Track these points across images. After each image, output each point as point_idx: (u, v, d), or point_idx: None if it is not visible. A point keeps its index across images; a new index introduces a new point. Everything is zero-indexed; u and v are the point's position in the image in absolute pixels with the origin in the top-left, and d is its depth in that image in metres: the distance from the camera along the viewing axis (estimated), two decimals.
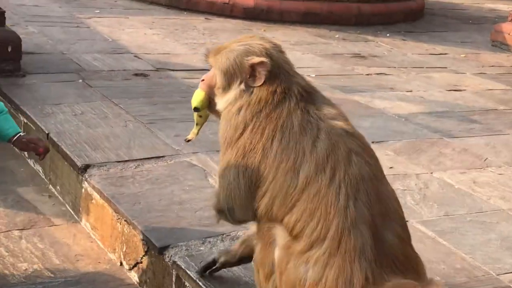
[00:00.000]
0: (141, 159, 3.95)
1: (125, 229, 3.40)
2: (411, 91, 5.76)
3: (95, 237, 3.67)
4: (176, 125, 4.50)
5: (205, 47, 6.50)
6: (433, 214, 3.61)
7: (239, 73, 2.45)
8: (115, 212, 3.47)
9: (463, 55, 7.29)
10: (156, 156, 4.01)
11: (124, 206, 3.43)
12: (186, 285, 2.97)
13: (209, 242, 3.17)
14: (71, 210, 3.93)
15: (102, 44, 6.30)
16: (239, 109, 2.44)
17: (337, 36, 7.58)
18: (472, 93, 5.91)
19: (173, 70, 5.74)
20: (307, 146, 2.35)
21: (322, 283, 2.23)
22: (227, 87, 2.49)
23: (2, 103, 3.14)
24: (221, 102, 2.53)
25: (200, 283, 2.87)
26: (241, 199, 2.46)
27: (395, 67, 6.51)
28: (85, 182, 3.75)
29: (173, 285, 3.06)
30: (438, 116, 5.19)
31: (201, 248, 3.12)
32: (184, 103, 4.93)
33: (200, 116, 2.73)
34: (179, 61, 6.00)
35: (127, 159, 3.93)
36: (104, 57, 5.87)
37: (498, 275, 3.09)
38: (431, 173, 4.12)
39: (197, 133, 2.81)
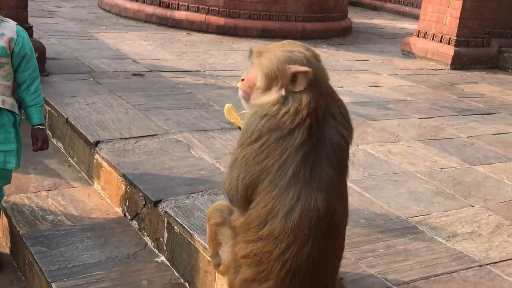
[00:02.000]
0: (139, 137, 3.91)
1: (127, 189, 3.38)
2: (342, 87, 5.77)
3: (105, 196, 3.64)
4: (166, 111, 4.46)
5: (186, 54, 6.52)
6: (359, 175, 3.63)
7: (281, 78, 2.05)
8: (120, 176, 3.44)
9: (381, 61, 7.33)
10: (150, 135, 3.96)
11: (127, 171, 3.40)
12: (175, 228, 2.96)
13: (192, 196, 3.15)
14: (85, 176, 3.89)
15: (108, 52, 6.21)
16: (263, 117, 2.06)
17: None
18: (387, 88, 5.96)
19: (162, 71, 5.67)
20: (283, 203, 2.03)
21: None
22: (267, 89, 2.09)
23: (42, 98, 3.11)
24: (258, 100, 2.12)
25: (185, 226, 2.87)
26: (237, 199, 2.14)
27: (330, 70, 6.42)
28: (96, 154, 3.71)
29: (165, 230, 3.04)
30: (362, 105, 5.22)
31: (186, 201, 3.10)
32: (172, 95, 4.93)
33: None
34: (167, 65, 5.93)
35: (128, 137, 3.89)
36: (109, 62, 5.79)
37: (407, 218, 3.13)
38: (358, 145, 4.14)
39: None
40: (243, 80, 2.23)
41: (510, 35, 7.74)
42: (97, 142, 3.76)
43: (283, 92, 2.06)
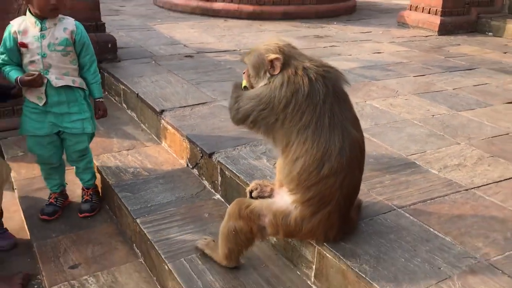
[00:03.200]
0: (193, 105, 3.96)
1: (187, 145, 3.45)
2: (351, 55, 5.71)
3: (171, 152, 3.73)
4: (212, 84, 4.50)
5: (225, 38, 6.49)
6: (367, 124, 3.63)
7: (263, 66, 2.18)
8: (182, 136, 3.51)
9: (381, 32, 7.18)
10: (202, 103, 4.01)
11: (186, 132, 3.47)
12: (226, 173, 3.03)
13: (237, 148, 3.20)
14: (155, 138, 3.97)
15: (164, 39, 6.23)
16: (282, 85, 2.11)
17: (304, 25, 7.46)
18: (387, 54, 5.85)
19: (207, 52, 5.67)
20: (332, 143, 2.06)
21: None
22: (257, 76, 2.22)
23: (99, 77, 3.14)
24: (257, 86, 2.23)
25: (234, 171, 2.94)
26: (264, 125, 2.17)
27: (340, 42, 6.43)
28: (162, 120, 3.78)
29: (219, 174, 3.12)
30: (368, 68, 5.15)
31: (233, 152, 3.16)
32: (216, 71, 4.93)
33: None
34: (210, 47, 5.93)
35: (185, 105, 3.95)
36: (166, 47, 5.82)
37: (407, 156, 3.14)
38: (365, 101, 4.13)
39: None
40: (244, 73, 2.36)
41: (487, 3, 7.46)
42: (162, 111, 3.83)
43: (268, 74, 2.17)
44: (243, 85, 2.43)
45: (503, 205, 2.59)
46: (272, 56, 2.15)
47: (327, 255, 2.24)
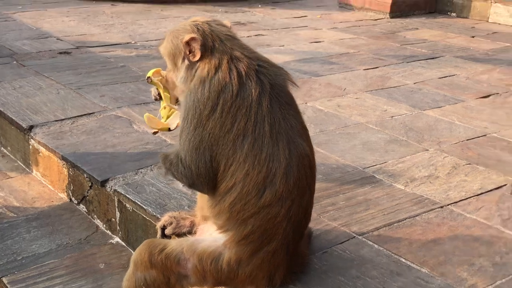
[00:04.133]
0: (75, 116, 3.86)
1: (70, 172, 3.35)
2: (283, 45, 5.83)
3: (46, 183, 3.60)
4: (100, 88, 4.41)
5: (114, 27, 6.42)
6: (311, 131, 3.59)
7: (179, 53, 2.17)
8: (60, 160, 3.40)
9: (319, 16, 7.41)
10: (87, 113, 3.92)
11: (67, 154, 3.36)
12: (127, 206, 2.96)
13: (141, 172, 3.15)
14: (22, 165, 3.83)
15: (29, 32, 6.05)
16: (199, 86, 2.09)
17: (220, 10, 7.55)
18: (328, 43, 6.04)
19: (90, 46, 5.58)
20: (277, 160, 2.06)
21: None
22: (175, 67, 2.21)
23: None
24: (177, 81, 2.23)
25: (138, 202, 2.88)
26: (208, 182, 2.13)
27: (268, 29, 6.56)
28: (31, 140, 3.65)
29: (116, 209, 3.05)
30: (306, 62, 5.29)
31: (135, 177, 3.10)
32: (104, 70, 4.87)
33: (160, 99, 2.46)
34: (94, 39, 5.83)
35: (63, 118, 3.83)
36: (32, 42, 5.65)
37: (363, 168, 3.23)
38: (306, 103, 4.22)
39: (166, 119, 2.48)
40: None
41: None
42: (31, 127, 3.69)
43: (186, 62, 2.16)
44: (153, 94, 2.43)
45: (487, 223, 2.72)
46: (186, 37, 2.12)
47: None
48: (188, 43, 2.13)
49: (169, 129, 2.46)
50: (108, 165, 3.24)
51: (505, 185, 3.09)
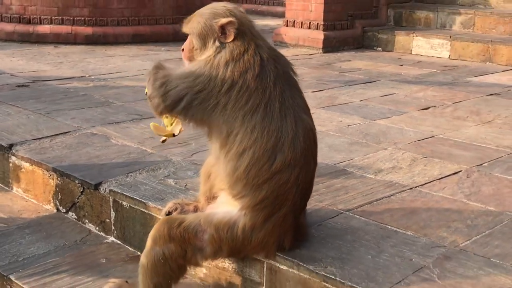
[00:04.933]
0: (52, 135, 3.97)
1: (58, 182, 3.46)
2: None
3: (29, 197, 3.67)
4: (68, 112, 4.55)
5: (63, 64, 6.55)
6: None
7: (211, 33, 2.35)
8: (47, 171, 3.51)
9: None
10: (63, 132, 4.04)
11: (54, 164, 3.49)
12: (123, 204, 3.10)
13: (131, 175, 3.31)
14: (0, 184, 3.89)
15: None
16: (227, 63, 2.31)
17: (163, 49, 7.80)
18: None
19: (46, 80, 5.69)
20: (285, 131, 2.30)
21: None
22: (203, 46, 2.38)
23: None
24: (201, 59, 2.38)
25: (136, 197, 3.04)
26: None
27: None
28: (12, 157, 3.73)
29: (111, 210, 3.18)
30: None
31: (127, 179, 3.25)
32: (67, 99, 5.02)
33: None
34: (48, 74, 5.95)
35: (40, 137, 3.94)
36: None
37: (334, 164, 3.52)
38: None
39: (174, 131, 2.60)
40: (183, 50, 2.51)
41: (371, 16, 8.58)
42: (11, 145, 3.78)
43: (217, 43, 2.36)
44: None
45: (453, 198, 3.07)
46: (224, 20, 2.34)
47: (281, 267, 2.45)
48: (223, 26, 2.34)
49: (174, 135, 2.62)
50: (97, 171, 3.38)
51: (460, 171, 3.47)
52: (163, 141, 2.72)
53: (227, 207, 2.45)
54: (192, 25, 2.43)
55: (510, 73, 6.69)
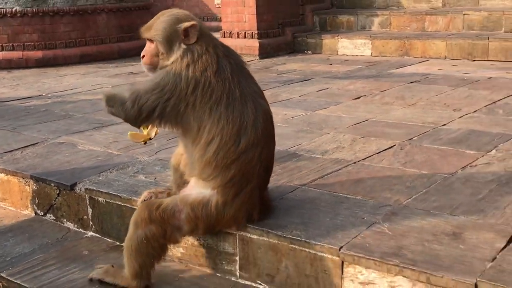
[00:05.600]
0: (21, 147, 3.99)
1: (34, 187, 3.48)
2: None
3: (6, 205, 3.68)
4: (33, 126, 4.55)
5: (20, 86, 6.49)
6: None
7: (176, 37, 2.42)
8: (22, 179, 3.53)
9: None
10: (32, 144, 4.06)
11: (29, 171, 3.51)
12: (99, 200, 3.17)
13: (103, 174, 3.37)
14: None
15: None
16: (188, 66, 2.40)
17: (110, 66, 7.82)
18: None
19: (6, 101, 5.65)
20: (247, 116, 2.42)
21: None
22: (169, 50, 2.43)
23: None
24: (168, 62, 2.45)
25: (112, 192, 3.11)
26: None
27: None
28: None
29: (88, 207, 3.23)
30: None
31: (100, 178, 3.32)
32: (30, 115, 5.01)
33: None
34: (6, 96, 5.90)
35: (11, 149, 3.95)
36: None
37: (285, 149, 3.67)
38: None
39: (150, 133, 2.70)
40: (143, 56, 2.57)
41: (299, 23, 8.83)
42: None
43: (183, 46, 2.45)
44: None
45: (391, 167, 3.28)
46: (187, 24, 2.43)
47: (252, 237, 2.58)
48: (186, 30, 2.43)
49: (150, 138, 2.73)
50: (70, 174, 3.43)
51: (394, 145, 3.69)
52: (145, 143, 2.79)
53: (199, 189, 2.56)
54: (156, 31, 2.47)
55: (426, 63, 7.05)
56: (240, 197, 2.51)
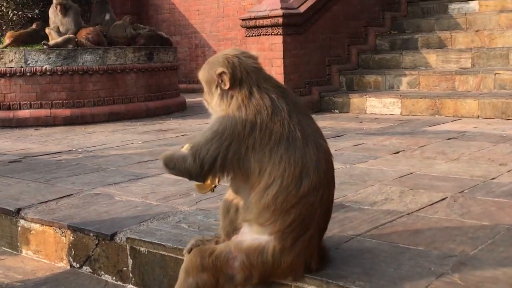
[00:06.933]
0: (56, 198, 3.89)
1: (71, 238, 3.36)
2: None
3: (40, 258, 3.54)
4: (67, 179, 4.46)
5: (49, 142, 6.46)
6: None
7: (213, 81, 2.40)
8: (59, 229, 3.41)
9: None
10: (66, 195, 3.96)
11: (66, 221, 3.40)
12: (141, 250, 3.03)
13: (144, 224, 3.25)
14: (8, 249, 3.71)
15: None
16: (239, 109, 2.32)
17: (138, 124, 7.81)
18: None
19: (36, 156, 5.59)
20: (309, 157, 2.32)
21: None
22: (209, 92, 2.43)
23: None
24: (213, 104, 2.43)
25: (155, 241, 2.97)
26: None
27: (190, 132, 6.91)
28: (21, 220, 3.61)
29: (129, 258, 3.09)
30: None
31: (141, 228, 3.19)
32: (62, 168, 4.93)
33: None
34: (36, 151, 5.85)
35: (46, 200, 3.85)
36: None
37: None
38: None
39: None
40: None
41: (325, 83, 8.84)
42: (18, 210, 3.67)
43: (219, 90, 2.40)
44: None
45: (449, 218, 3.12)
46: (219, 70, 2.39)
47: None
48: (220, 75, 2.39)
49: (215, 187, 2.61)
50: (110, 224, 3.31)
51: (447, 197, 3.54)
52: (212, 190, 2.65)
53: (254, 234, 2.42)
54: (201, 73, 2.49)
55: (459, 122, 6.96)
56: (298, 244, 2.36)
